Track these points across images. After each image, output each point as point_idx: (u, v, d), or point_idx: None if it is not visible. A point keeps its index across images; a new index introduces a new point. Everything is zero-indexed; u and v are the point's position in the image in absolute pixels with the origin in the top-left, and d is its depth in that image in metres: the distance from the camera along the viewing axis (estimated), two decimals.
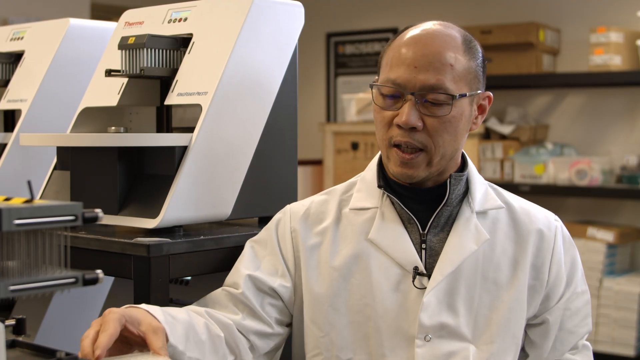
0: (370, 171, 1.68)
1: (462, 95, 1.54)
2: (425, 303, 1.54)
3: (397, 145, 1.55)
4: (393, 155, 1.56)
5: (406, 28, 1.63)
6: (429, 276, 1.56)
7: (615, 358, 4.13)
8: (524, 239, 1.61)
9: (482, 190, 1.64)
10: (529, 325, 1.63)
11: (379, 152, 1.70)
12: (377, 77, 1.63)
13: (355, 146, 4.82)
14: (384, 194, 1.63)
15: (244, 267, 1.64)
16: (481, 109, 1.61)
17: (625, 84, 4.52)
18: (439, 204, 1.59)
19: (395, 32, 1.68)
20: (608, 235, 4.24)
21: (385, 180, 1.64)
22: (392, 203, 1.62)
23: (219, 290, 1.65)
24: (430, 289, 1.54)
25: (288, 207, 1.71)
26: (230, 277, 1.66)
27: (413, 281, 1.55)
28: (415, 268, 1.56)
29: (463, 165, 1.65)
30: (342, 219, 1.65)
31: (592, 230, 4.28)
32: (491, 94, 1.63)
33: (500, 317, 1.56)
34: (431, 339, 1.53)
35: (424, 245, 1.58)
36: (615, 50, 4.29)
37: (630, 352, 4.11)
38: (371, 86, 1.59)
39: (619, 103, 4.62)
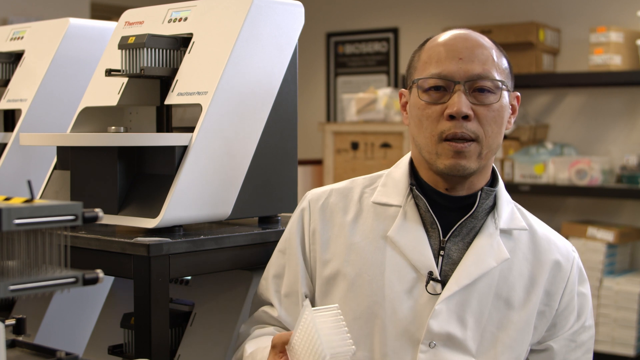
0: (400, 169, 1.67)
1: (506, 85, 1.57)
2: (436, 310, 1.53)
3: (448, 139, 1.54)
4: (445, 149, 1.55)
5: (428, 39, 1.65)
6: (442, 283, 1.55)
7: (615, 358, 4.13)
8: (542, 265, 1.60)
9: (509, 209, 1.63)
10: (531, 351, 1.62)
11: (409, 152, 1.69)
12: (407, 88, 1.64)
13: (355, 146, 4.82)
14: (410, 195, 1.62)
15: (273, 283, 1.69)
16: (513, 108, 1.63)
17: (625, 84, 4.52)
18: (464, 214, 1.58)
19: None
20: (608, 235, 4.24)
21: (416, 181, 1.63)
22: (417, 205, 1.61)
23: (260, 311, 1.71)
24: (444, 297, 1.53)
25: (308, 197, 1.71)
26: (265, 291, 1.71)
27: (426, 286, 1.55)
28: (430, 273, 1.55)
29: (493, 180, 1.65)
30: (362, 212, 1.64)
31: (592, 230, 4.28)
32: (519, 94, 1.65)
33: (507, 337, 1.56)
34: (435, 346, 1.53)
35: (442, 252, 1.57)
36: (615, 50, 4.28)
37: (630, 352, 4.11)
38: (414, 82, 1.57)
39: (619, 103, 4.62)
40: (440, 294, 1.54)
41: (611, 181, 4.40)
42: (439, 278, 1.55)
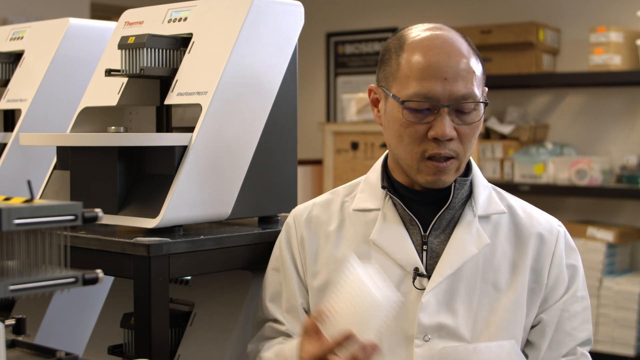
0: (375, 173, 1.69)
1: (485, 99, 1.57)
2: (424, 303, 1.54)
3: (430, 157, 1.55)
4: (427, 167, 1.56)
5: (402, 30, 1.63)
6: (429, 277, 1.56)
7: (615, 358, 4.13)
8: (524, 243, 1.62)
9: (486, 194, 1.65)
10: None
11: (384, 154, 1.70)
12: (380, 87, 1.62)
13: (355, 146, 4.82)
14: (387, 196, 1.63)
15: (273, 302, 1.69)
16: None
17: (625, 84, 4.52)
18: (442, 206, 1.60)
19: (395, 32, 1.68)
20: (608, 235, 4.24)
21: (389, 182, 1.65)
22: (394, 204, 1.63)
23: (267, 326, 1.70)
24: (430, 290, 1.55)
25: (292, 212, 1.74)
26: (266, 310, 1.71)
27: (413, 282, 1.56)
28: (416, 269, 1.57)
29: (467, 169, 1.66)
30: (345, 221, 1.67)
31: (592, 230, 4.28)
32: (487, 88, 1.66)
33: (499, 320, 1.57)
34: (430, 339, 1.54)
35: (425, 247, 1.59)
36: (615, 50, 4.28)
37: (630, 352, 4.11)
38: (396, 98, 1.55)
39: (619, 103, 4.62)
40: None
41: (611, 181, 4.40)
42: (425, 272, 1.57)
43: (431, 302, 1.55)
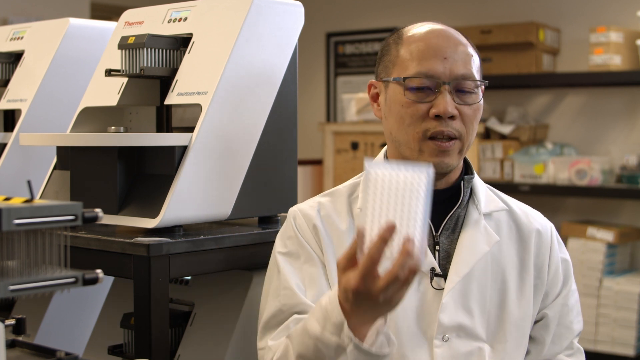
0: None
1: (485, 84, 1.60)
2: (444, 304, 1.55)
3: (433, 137, 1.55)
4: (429, 147, 1.56)
5: (401, 28, 1.64)
6: (444, 277, 1.57)
7: (615, 358, 4.13)
8: (526, 240, 1.64)
9: (485, 192, 1.67)
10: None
11: (381, 152, 1.70)
12: (380, 79, 1.63)
13: (355, 146, 4.82)
14: None
15: (297, 288, 1.57)
16: None
17: (625, 84, 4.51)
18: (448, 206, 1.61)
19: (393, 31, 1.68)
20: (608, 235, 4.24)
21: None
22: None
23: (293, 319, 1.55)
24: (448, 290, 1.56)
25: (296, 209, 1.66)
26: (286, 299, 1.56)
27: (431, 282, 1.56)
28: (432, 269, 1.57)
29: (468, 167, 1.67)
30: (354, 221, 1.64)
31: (592, 230, 4.28)
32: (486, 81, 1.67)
33: (511, 317, 1.59)
34: (449, 339, 1.55)
35: (437, 247, 1.60)
36: (615, 50, 4.28)
37: (630, 352, 4.11)
38: (397, 79, 1.57)
39: (619, 103, 4.62)
40: (444, 288, 1.57)
41: (611, 181, 4.40)
42: (440, 272, 1.57)
43: (450, 302, 1.56)
